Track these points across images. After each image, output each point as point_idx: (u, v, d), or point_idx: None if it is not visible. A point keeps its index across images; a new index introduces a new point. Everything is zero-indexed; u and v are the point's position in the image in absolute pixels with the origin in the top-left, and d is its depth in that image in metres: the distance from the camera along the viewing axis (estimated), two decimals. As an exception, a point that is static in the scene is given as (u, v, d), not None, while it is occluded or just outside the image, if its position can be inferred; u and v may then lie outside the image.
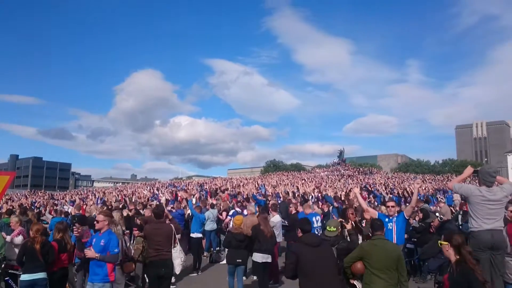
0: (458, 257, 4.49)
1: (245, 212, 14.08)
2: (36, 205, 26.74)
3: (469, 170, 6.66)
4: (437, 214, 9.30)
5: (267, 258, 8.86)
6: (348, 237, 6.82)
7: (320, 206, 14.48)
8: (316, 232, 10.44)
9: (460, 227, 10.37)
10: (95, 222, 6.58)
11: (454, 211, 14.40)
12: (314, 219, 10.88)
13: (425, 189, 25.11)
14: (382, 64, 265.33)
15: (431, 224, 9.98)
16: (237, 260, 8.67)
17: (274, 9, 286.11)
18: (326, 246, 6.00)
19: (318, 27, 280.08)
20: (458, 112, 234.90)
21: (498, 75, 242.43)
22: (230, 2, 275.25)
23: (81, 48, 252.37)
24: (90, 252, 6.26)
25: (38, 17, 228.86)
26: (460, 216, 11.75)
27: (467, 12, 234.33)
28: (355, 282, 6.99)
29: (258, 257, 8.79)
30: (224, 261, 11.64)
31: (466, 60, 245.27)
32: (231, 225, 12.14)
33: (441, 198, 21.43)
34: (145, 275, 8.20)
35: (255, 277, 10.17)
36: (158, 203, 17.97)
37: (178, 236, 7.89)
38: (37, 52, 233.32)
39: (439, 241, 4.90)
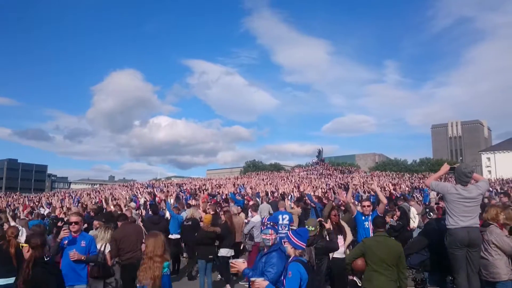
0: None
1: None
2: (11, 207, 26.17)
3: (445, 167, 6.74)
4: (427, 210, 9.42)
5: (232, 253, 9.80)
6: (327, 237, 6.82)
7: (298, 206, 14.52)
8: (281, 229, 11.05)
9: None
10: (72, 224, 6.39)
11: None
12: (280, 216, 11.60)
13: (400, 188, 25.37)
14: (360, 64, 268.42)
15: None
16: (209, 257, 9.25)
17: (252, 10, 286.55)
18: (163, 223, 10.85)
19: (297, 28, 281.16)
20: (434, 112, 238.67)
21: (472, 76, 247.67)
22: (209, 3, 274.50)
23: (58, 48, 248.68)
24: (77, 255, 6.10)
25: (12, 16, 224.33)
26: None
27: (442, 14, 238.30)
28: (355, 279, 7.04)
29: (225, 252, 9.69)
30: None
31: (441, 61, 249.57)
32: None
33: (418, 197, 21.68)
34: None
35: (234, 278, 10.39)
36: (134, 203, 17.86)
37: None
38: (12, 52, 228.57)
39: None
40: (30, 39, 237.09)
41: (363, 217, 7.80)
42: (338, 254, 7.12)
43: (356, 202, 15.67)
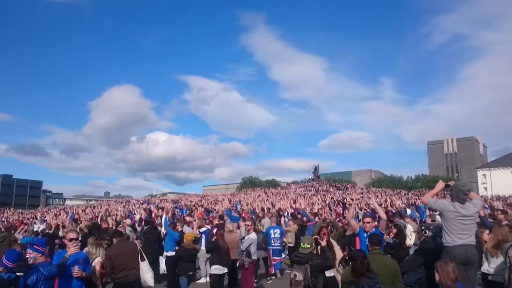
0: None
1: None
2: (4, 223, 25.96)
3: (440, 184, 6.75)
4: (423, 227, 9.41)
5: (224, 270, 9.75)
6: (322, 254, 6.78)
7: (295, 223, 14.53)
8: (273, 242, 13.03)
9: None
10: (72, 240, 6.30)
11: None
12: (272, 231, 13.27)
13: (398, 206, 25.37)
14: (356, 81, 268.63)
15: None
16: (189, 273, 9.62)
17: (250, 27, 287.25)
18: (157, 233, 13.24)
19: (293, 44, 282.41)
20: (430, 128, 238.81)
21: (468, 93, 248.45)
22: (207, 19, 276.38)
23: (55, 63, 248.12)
24: (80, 272, 6.02)
25: (7, 31, 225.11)
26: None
27: (437, 31, 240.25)
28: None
29: (216, 269, 9.63)
30: (201, 280, 11.97)
31: (437, 77, 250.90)
32: (203, 242, 12.28)
33: (415, 214, 21.61)
34: None
35: None
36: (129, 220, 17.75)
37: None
38: (8, 67, 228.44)
39: None
40: (27, 54, 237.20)
41: (365, 234, 7.72)
42: (327, 272, 7.05)
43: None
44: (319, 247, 6.97)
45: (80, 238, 6.90)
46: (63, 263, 5.99)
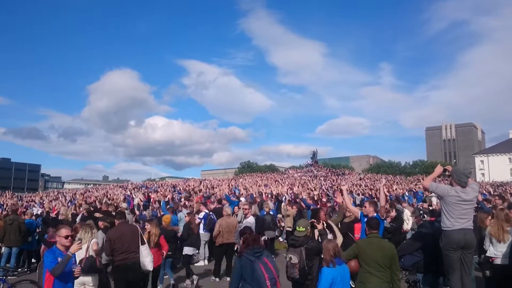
0: None
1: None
2: (4, 207, 26.01)
3: (439, 169, 6.76)
4: (421, 212, 9.43)
5: (195, 251, 11.07)
6: (319, 238, 6.81)
7: (293, 208, 14.56)
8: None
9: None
10: (68, 238, 5.94)
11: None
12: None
13: (395, 190, 25.39)
14: (355, 66, 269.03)
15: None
16: (168, 253, 9.75)
17: (249, 11, 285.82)
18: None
19: (292, 29, 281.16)
20: (428, 114, 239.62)
21: (466, 79, 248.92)
22: (205, 4, 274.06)
23: (54, 47, 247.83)
24: (80, 272, 5.74)
25: (6, 16, 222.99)
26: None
27: (437, 18, 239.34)
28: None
29: (188, 250, 10.73)
30: (200, 263, 12.18)
31: (436, 64, 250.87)
32: (201, 227, 12.33)
33: (412, 199, 21.66)
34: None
35: (228, 278, 10.45)
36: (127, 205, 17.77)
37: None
38: (7, 51, 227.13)
39: None
40: (26, 38, 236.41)
41: (366, 219, 7.74)
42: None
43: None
44: (315, 230, 6.99)
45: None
46: (67, 260, 5.38)
